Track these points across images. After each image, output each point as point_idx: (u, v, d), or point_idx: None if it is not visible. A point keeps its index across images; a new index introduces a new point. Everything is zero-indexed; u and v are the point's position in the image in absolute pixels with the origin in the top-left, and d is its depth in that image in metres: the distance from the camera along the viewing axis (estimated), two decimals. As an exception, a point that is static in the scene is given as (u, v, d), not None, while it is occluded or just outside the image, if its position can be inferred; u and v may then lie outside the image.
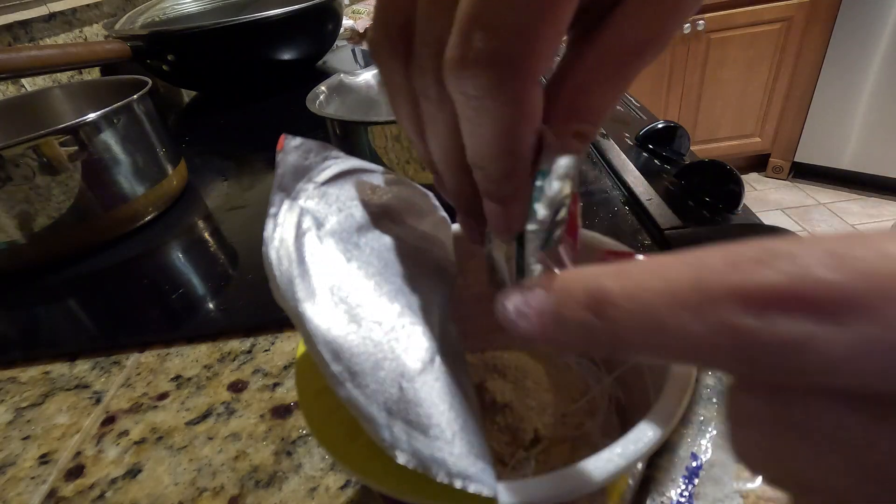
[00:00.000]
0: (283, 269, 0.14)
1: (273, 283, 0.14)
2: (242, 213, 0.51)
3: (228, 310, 0.38)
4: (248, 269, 0.42)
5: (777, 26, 1.76)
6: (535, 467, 0.20)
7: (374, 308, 0.14)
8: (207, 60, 0.77)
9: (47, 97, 0.58)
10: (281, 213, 0.15)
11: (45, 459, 0.30)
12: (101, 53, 0.65)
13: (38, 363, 0.37)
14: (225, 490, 0.26)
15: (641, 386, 0.19)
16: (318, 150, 0.18)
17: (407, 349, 0.14)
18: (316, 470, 0.26)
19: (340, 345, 0.13)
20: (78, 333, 0.39)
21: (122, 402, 0.33)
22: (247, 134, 0.72)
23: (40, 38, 0.80)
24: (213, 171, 0.61)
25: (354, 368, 0.13)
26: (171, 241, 0.48)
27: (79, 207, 0.46)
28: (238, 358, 0.34)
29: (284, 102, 0.78)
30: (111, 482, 0.28)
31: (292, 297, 0.13)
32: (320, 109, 0.44)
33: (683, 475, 0.23)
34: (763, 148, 2.02)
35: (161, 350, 0.36)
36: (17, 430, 0.32)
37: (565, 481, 0.13)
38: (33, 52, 0.56)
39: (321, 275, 0.14)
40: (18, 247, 0.45)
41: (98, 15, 0.90)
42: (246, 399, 0.31)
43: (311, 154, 0.18)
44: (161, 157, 0.52)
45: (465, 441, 0.13)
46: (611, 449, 0.14)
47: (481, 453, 0.13)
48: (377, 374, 0.13)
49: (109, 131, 0.46)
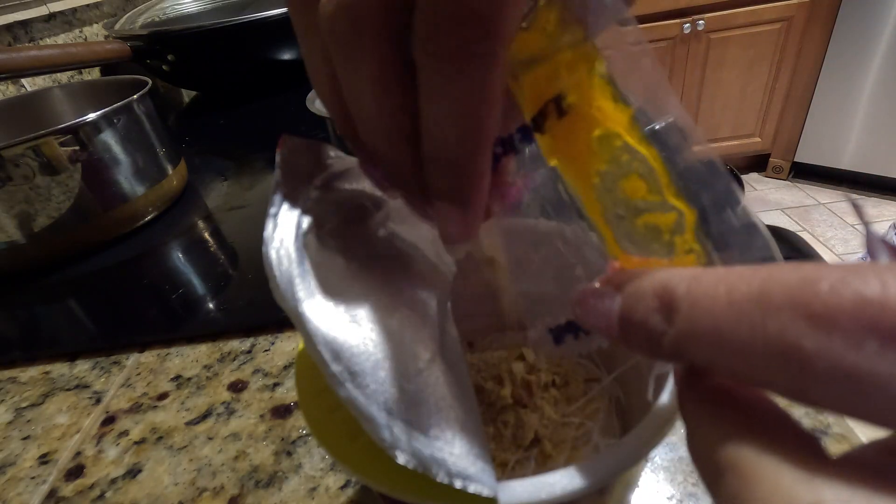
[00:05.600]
0: (282, 269, 0.14)
1: (273, 283, 0.14)
2: (242, 213, 0.51)
3: (228, 310, 0.38)
4: (248, 269, 0.42)
5: (777, 26, 1.76)
6: (534, 468, 0.20)
7: (374, 308, 0.14)
8: (207, 60, 0.77)
9: (47, 97, 0.58)
10: (281, 214, 0.15)
11: (45, 459, 0.30)
12: (101, 53, 0.65)
13: (38, 363, 0.37)
14: (225, 490, 0.26)
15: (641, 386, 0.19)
16: (318, 150, 0.18)
17: (407, 349, 0.14)
18: (316, 470, 0.26)
19: (340, 345, 0.13)
20: (78, 333, 0.39)
21: (122, 402, 0.33)
22: (247, 134, 0.72)
23: (40, 38, 0.79)
24: (213, 171, 0.61)
25: (354, 368, 0.13)
26: (171, 241, 0.48)
27: (79, 207, 0.46)
28: (238, 358, 0.34)
29: (284, 102, 0.78)
30: (111, 482, 0.28)
31: (292, 298, 0.13)
32: (320, 109, 0.44)
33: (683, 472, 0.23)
34: (763, 148, 2.02)
35: (161, 350, 0.36)
36: (17, 430, 0.32)
37: (565, 481, 0.13)
38: (33, 52, 0.56)
39: (321, 275, 0.14)
40: (18, 247, 0.45)
41: (98, 15, 0.90)
42: (246, 399, 0.31)
43: (311, 154, 0.18)
44: (161, 157, 0.52)
45: (464, 441, 0.13)
46: (611, 449, 0.14)
47: (481, 453, 0.13)
48: (377, 375, 0.13)
49: (109, 131, 0.46)
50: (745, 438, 0.09)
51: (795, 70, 1.83)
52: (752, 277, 0.09)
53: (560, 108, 0.13)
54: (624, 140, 0.12)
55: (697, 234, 0.13)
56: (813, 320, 0.08)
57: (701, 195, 0.13)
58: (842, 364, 0.07)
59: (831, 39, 1.73)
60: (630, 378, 0.21)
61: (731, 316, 0.09)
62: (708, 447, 0.09)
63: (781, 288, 0.08)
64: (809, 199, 1.93)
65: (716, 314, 0.09)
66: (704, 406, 0.10)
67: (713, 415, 0.10)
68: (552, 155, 0.14)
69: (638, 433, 0.14)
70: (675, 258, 0.13)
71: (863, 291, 0.07)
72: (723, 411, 0.10)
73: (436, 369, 0.14)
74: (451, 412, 0.13)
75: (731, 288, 0.09)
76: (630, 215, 0.13)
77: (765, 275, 0.09)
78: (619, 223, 0.13)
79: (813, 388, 0.08)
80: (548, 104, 0.13)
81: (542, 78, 0.13)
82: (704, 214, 0.13)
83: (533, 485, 0.13)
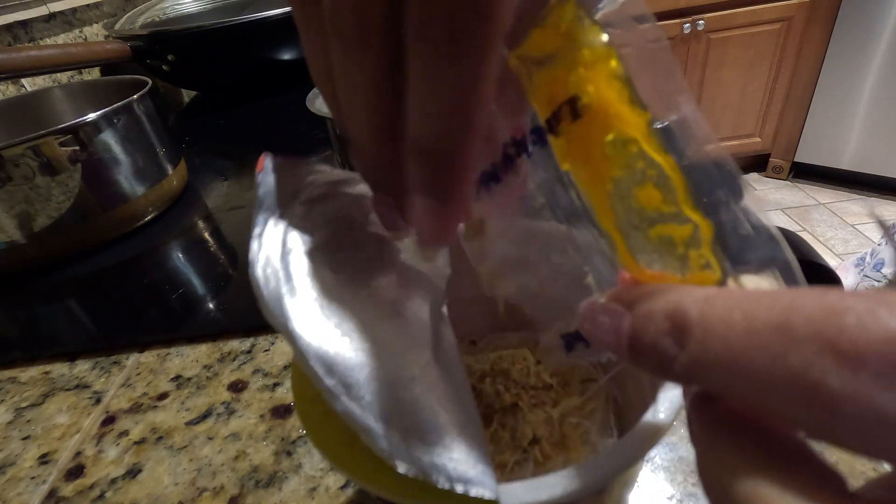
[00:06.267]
0: (270, 287, 0.14)
1: (262, 303, 0.14)
2: (242, 213, 0.51)
3: (228, 310, 0.38)
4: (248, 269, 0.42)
5: (777, 26, 1.76)
6: (533, 468, 0.20)
7: (365, 319, 0.14)
8: (207, 60, 0.77)
9: (47, 97, 0.58)
10: (266, 233, 0.15)
11: (45, 459, 0.30)
12: (101, 53, 0.65)
13: (38, 363, 0.37)
14: (225, 490, 0.26)
15: (639, 385, 0.19)
16: (299, 166, 0.18)
17: (400, 358, 0.14)
18: (316, 470, 0.26)
19: (333, 358, 0.13)
20: (78, 333, 0.39)
21: (122, 402, 0.33)
22: (247, 134, 0.72)
23: (40, 38, 0.79)
24: (213, 171, 0.61)
25: (348, 381, 0.13)
26: (171, 241, 0.48)
27: (79, 207, 0.46)
28: (238, 358, 0.34)
29: (284, 102, 0.78)
30: (111, 482, 0.28)
31: (281, 315, 0.13)
32: (320, 109, 0.44)
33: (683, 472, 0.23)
34: (763, 148, 2.02)
35: (161, 350, 0.36)
36: (17, 430, 0.32)
37: (565, 482, 0.13)
38: (33, 52, 0.56)
39: (309, 291, 0.14)
40: (18, 247, 0.45)
41: (98, 15, 0.90)
42: (246, 399, 0.31)
43: (292, 171, 0.17)
44: (161, 157, 0.52)
45: (463, 445, 0.13)
46: (610, 449, 0.14)
47: (480, 456, 0.13)
48: (372, 385, 0.13)
49: (109, 131, 0.46)
50: (764, 473, 0.08)
51: (795, 70, 1.83)
52: (771, 305, 0.08)
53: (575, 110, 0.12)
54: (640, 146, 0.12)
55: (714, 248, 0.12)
56: (839, 357, 0.07)
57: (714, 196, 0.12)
58: (871, 405, 0.07)
59: (831, 39, 1.73)
60: (627, 377, 0.21)
61: (748, 345, 0.08)
62: (723, 477, 0.09)
63: (804, 319, 0.08)
64: (809, 199, 1.93)
65: (731, 342, 0.08)
66: (718, 431, 0.10)
67: (728, 441, 0.09)
68: (565, 159, 0.13)
69: (636, 433, 0.14)
70: (690, 273, 0.12)
71: (892, 326, 0.07)
72: (738, 439, 0.09)
73: (431, 375, 0.14)
74: (449, 416, 0.13)
75: (749, 315, 0.08)
76: (644, 226, 0.12)
77: (786, 303, 0.08)
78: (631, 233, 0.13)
79: (839, 428, 0.07)
80: (562, 106, 0.12)
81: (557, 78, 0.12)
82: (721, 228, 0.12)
83: (533, 486, 0.13)
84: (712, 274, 0.12)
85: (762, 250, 0.12)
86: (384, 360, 0.14)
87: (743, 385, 0.08)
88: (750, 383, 0.08)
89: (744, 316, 0.08)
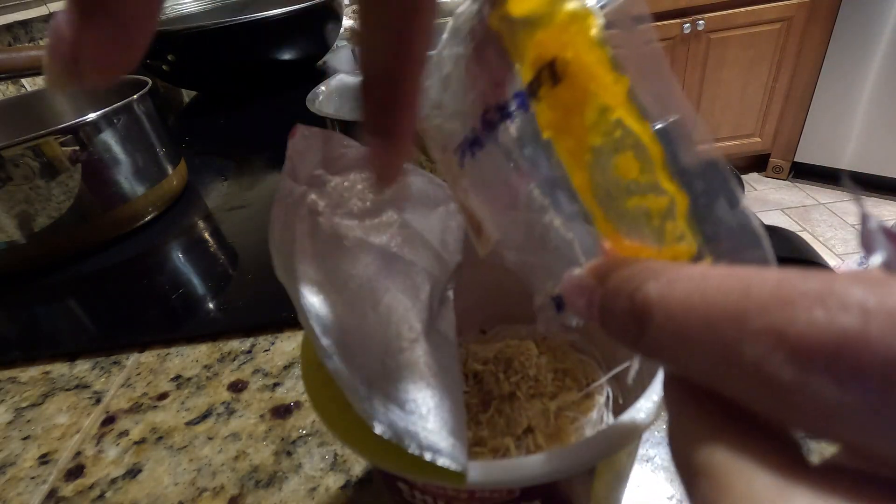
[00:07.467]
0: (285, 248, 0.15)
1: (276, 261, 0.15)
2: (242, 213, 0.51)
3: (228, 310, 0.38)
4: (248, 269, 0.42)
5: (777, 26, 1.76)
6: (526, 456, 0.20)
7: (367, 289, 0.15)
8: (207, 60, 0.77)
9: (47, 97, 0.58)
10: (288, 197, 0.16)
11: (45, 459, 0.30)
12: (101, 53, 0.65)
13: (38, 363, 0.37)
14: (225, 490, 0.26)
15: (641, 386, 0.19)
16: (330, 139, 0.18)
17: (393, 329, 0.15)
18: (316, 470, 0.26)
19: (332, 321, 0.14)
20: (78, 333, 0.39)
21: (122, 402, 0.33)
22: (247, 134, 0.72)
23: (40, 38, 0.80)
24: (213, 171, 0.61)
25: (343, 343, 0.14)
26: (171, 241, 0.48)
27: (79, 207, 0.46)
28: (238, 358, 0.34)
29: (284, 102, 0.78)
30: (111, 482, 0.28)
31: (292, 275, 0.14)
32: (320, 109, 0.44)
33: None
34: (763, 148, 2.02)
35: (161, 350, 0.36)
36: (17, 430, 0.32)
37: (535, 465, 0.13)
38: (33, 52, 0.56)
39: (321, 257, 0.15)
40: (18, 247, 0.45)
41: (98, 15, 0.90)
42: (246, 399, 0.31)
43: (322, 143, 0.18)
44: (161, 157, 0.52)
45: (439, 418, 0.13)
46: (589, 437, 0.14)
47: (455, 431, 0.13)
48: (362, 350, 0.14)
49: (109, 131, 0.46)
50: (722, 440, 0.08)
51: (795, 70, 1.83)
52: (729, 289, 0.08)
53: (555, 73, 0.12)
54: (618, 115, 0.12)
55: (689, 221, 0.12)
56: (790, 354, 0.07)
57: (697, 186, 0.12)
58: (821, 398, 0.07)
59: (831, 39, 1.73)
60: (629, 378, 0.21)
61: (705, 335, 0.08)
62: (685, 446, 0.09)
63: (758, 308, 0.08)
64: (809, 199, 1.93)
65: (689, 330, 0.09)
66: (686, 401, 0.10)
67: (693, 411, 0.09)
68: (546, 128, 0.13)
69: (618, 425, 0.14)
70: (665, 245, 0.12)
71: (841, 324, 0.07)
72: (701, 410, 0.09)
73: (418, 349, 0.15)
74: (429, 390, 0.14)
75: (707, 300, 0.08)
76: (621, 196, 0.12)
77: (742, 287, 0.08)
78: (609, 203, 0.13)
79: (792, 415, 0.08)
80: (542, 69, 0.12)
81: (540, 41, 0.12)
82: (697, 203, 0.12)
83: (503, 465, 0.14)
84: (687, 247, 0.12)
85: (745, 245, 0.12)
86: (377, 330, 0.15)
87: (699, 371, 0.09)
88: (706, 370, 0.09)
89: (702, 299, 0.09)
